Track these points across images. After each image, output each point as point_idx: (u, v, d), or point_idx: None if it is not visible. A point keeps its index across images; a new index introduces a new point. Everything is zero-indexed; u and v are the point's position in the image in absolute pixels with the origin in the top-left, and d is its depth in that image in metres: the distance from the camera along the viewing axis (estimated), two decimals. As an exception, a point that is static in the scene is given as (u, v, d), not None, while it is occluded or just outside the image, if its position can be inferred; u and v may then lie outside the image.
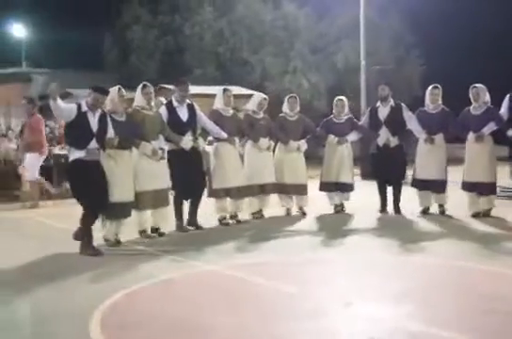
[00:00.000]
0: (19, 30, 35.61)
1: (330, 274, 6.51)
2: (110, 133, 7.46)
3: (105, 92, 7.39)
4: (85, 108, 7.21)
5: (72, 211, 8.25)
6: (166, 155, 8.35)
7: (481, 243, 7.78)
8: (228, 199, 9.37)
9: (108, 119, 7.48)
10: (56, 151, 13.66)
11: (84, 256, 7.31)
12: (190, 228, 8.89)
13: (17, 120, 22.60)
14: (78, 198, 7.39)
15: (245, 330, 4.82)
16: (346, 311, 5.23)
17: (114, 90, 7.75)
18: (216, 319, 5.03)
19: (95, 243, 7.56)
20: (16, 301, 5.69)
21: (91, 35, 28.99)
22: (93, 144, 7.23)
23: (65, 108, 7.12)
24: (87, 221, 7.33)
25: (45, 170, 12.84)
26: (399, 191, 9.98)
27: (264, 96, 10.00)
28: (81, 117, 7.17)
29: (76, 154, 7.21)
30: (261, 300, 5.56)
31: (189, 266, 6.85)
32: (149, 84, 8.35)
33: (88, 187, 7.19)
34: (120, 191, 7.69)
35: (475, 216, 9.49)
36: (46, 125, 15.74)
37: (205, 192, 9.17)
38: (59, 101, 6.96)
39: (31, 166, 11.78)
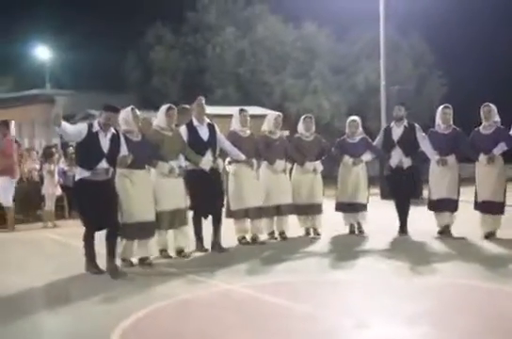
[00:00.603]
0: (43, 52, 36.10)
1: (344, 295, 6.49)
2: (124, 151, 7.39)
3: (116, 110, 7.34)
4: (96, 128, 7.17)
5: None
6: (183, 173, 8.33)
7: (495, 263, 7.72)
8: (248, 220, 9.35)
9: (122, 138, 7.44)
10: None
11: (102, 276, 7.32)
12: (211, 249, 8.84)
13: (40, 140, 22.90)
14: (79, 215, 7.55)
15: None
16: (360, 332, 5.20)
17: (127, 111, 7.75)
18: (231, 338, 5.07)
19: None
20: (34, 321, 5.71)
21: (114, 56, 29.35)
22: (102, 164, 7.18)
23: (72, 131, 7.09)
24: (85, 240, 7.41)
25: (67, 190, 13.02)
26: (406, 213, 9.93)
27: (278, 113, 10.00)
28: (91, 137, 7.14)
29: (82, 174, 7.19)
30: (275, 320, 5.56)
31: (207, 286, 6.87)
32: (174, 106, 8.36)
33: (89, 206, 7.20)
34: (139, 211, 7.68)
35: (488, 236, 9.40)
36: (70, 146, 15.96)
37: (224, 213, 9.16)
38: (63, 126, 6.91)
39: (4, 190, 11.77)
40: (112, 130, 7.32)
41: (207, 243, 8.88)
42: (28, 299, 6.54)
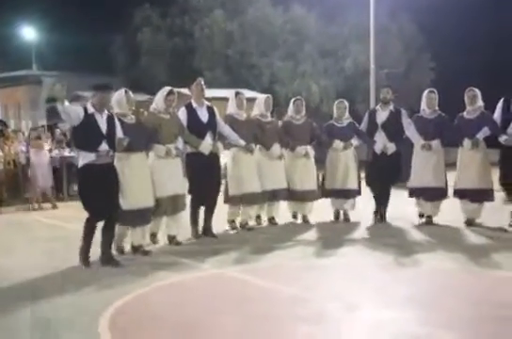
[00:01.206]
0: (29, 33, 35.79)
1: (333, 279, 6.49)
2: (119, 133, 7.21)
3: (109, 88, 7.16)
4: (91, 110, 6.97)
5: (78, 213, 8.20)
6: (180, 153, 8.20)
7: (479, 250, 7.75)
8: (242, 205, 9.27)
9: (116, 120, 7.26)
10: (66, 153, 13.75)
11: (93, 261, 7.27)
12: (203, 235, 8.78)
13: (27, 121, 22.74)
14: (84, 203, 7.11)
15: (248, 333, 4.87)
16: (350, 315, 5.23)
17: (120, 93, 7.59)
18: (219, 321, 5.09)
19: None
20: (22, 307, 5.70)
21: (101, 37, 29.10)
22: (104, 146, 6.96)
23: (73, 111, 6.88)
24: (87, 229, 7.10)
25: (55, 173, 12.97)
26: (387, 200, 9.81)
27: (268, 95, 9.85)
28: (89, 118, 6.92)
29: (86, 159, 6.90)
30: (264, 303, 5.58)
31: (197, 270, 6.87)
32: (175, 90, 8.15)
33: (96, 194, 6.93)
34: (137, 197, 7.50)
35: (469, 223, 9.35)
36: (57, 128, 15.80)
37: (221, 198, 9.07)
38: (67, 103, 6.77)
39: None
40: (106, 111, 7.15)
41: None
42: (17, 284, 6.49)
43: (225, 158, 9.57)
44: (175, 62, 26.57)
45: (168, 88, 8.11)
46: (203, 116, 8.50)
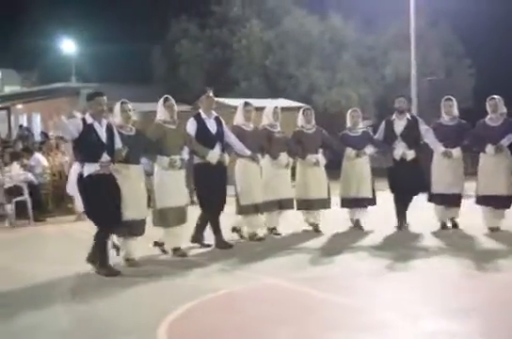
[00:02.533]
0: (69, 46, 36.22)
1: (390, 288, 6.43)
2: (118, 143, 7.23)
3: (100, 95, 7.14)
4: (90, 120, 7.00)
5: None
6: (184, 165, 8.15)
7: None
8: (258, 214, 9.20)
9: (115, 130, 7.28)
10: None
11: (142, 269, 7.35)
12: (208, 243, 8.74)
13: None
14: (91, 214, 7.16)
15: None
16: (410, 325, 5.14)
17: (117, 106, 7.65)
18: (278, 331, 5.08)
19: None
20: (81, 314, 5.74)
21: (140, 49, 29.30)
22: (105, 156, 7.00)
23: (70, 124, 6.93)
24: (100, 239, 7.11)
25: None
26: (407, 206, 9.79)
27: (276, 105, 9.85)
28: (88, 129, 6.95)
29: (90, 169, 6.93)
30: (321, 313, 5.55)
31: (249, 280, 6.88)
32: (170, 97, 8.19)
33: (102, 203, 6.99)
34: (131, 208, 7.45)
35: (493, 230, 9.28)
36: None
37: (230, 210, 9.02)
38: (63, 121, 6.86)
39: None
40: (104, 121, 7.15)
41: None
42: (68, 293, 6.53)
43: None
44: (213, 72, 26.63)
45: (164, 96, 8.17)
46: (212, 127, 8.54)
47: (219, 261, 7.82)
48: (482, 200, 9.35)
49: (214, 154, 8.39)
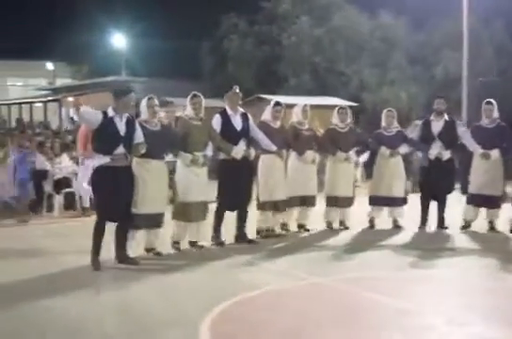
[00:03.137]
0: (119, 40, 36.58)
1: (434, 290, 6.32)
2: (139, 138, 7.20)
3: (128, 92, 7.15)
4: (111, 113, 7.01)
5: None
6: (207, 162, 8.12)
7: None
8: (272, 212, 9.08)
9: (137, 124, 7.25)
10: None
11: (186, 263, 7.34)
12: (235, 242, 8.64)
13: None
14: (95, 205, 7.28)
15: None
16: (458, 330, 5.04)
17: (144, 101, 7.64)
18: (323, 331, 5.02)
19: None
20: (125, 306, 5.77)
21: (189, 44, 29.45)
22: (120, 149, 6.98)
23: (91, 115, 6.98)
24: (96, 230, 7.08)
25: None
26: (444, 206, 9.75)
27: (306, 103, 9.84)
28: (108, 121, 6.95)
29: (101, 160, 6.94)
30: (368, 314, 5.47)
31: (294, 278, 6.78)
32: (199, 94, 8.14)
33: (107, 195, 6.94)
34: (151, 202, 7.48)
35: None
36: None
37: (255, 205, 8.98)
38: (83, 109, 6.86)
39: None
40: (127, 114, 7.15)
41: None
42: (115, 282, 6.56)
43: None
44: (261, 69, 26.65)
45: (192, 93, 8.13)
46: (237, 123, 8.46)
47: (258, 257, 7.77)
48: None
49: (238, 150, 8.33)
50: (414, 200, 9.94)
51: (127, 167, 7.13)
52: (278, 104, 9.10)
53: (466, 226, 9.63)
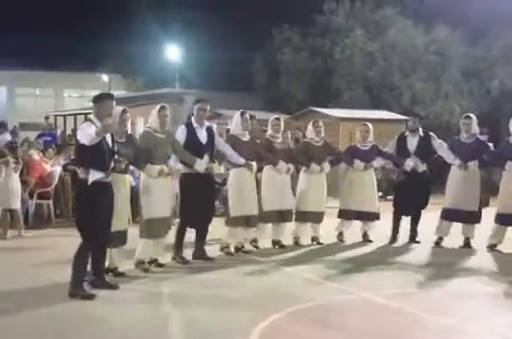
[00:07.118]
0: (173, 52, 37.00)
1: (491, 309, 6.21)
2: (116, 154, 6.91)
3: (109, 98, 6.83)
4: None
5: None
6: (171, 171, 7.86)
7: None
8: (242, 228, 8.87)
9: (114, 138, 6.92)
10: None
11: (231, 275, 7.41)
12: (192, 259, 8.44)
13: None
14: (85, 224, 6.54)
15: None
16: None
17: (118, 111, 7.22)
18: None
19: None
20: (169, 318, 5.80)
21: (241, 57, 29.61)
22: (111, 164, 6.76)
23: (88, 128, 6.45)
24: (82, 253, 6.53)
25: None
26: (418, 221, 9.88)
27: (276, 116, 9.91)
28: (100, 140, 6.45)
29: (96, 175, 6.48)
30: (419, 333, 5.40)
31: (342, 293, 6.78)
32: (167, 106, 7.96)
33: (98, 215, 6.51)
34: (118, 220, 7.05)
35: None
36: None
37: (217, 221, 8.84)
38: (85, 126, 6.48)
39: None
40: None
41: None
42: (154, 297, 6.62)
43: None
44: (314, 82, 26.62)
45: (160, 104, 8.02)
46: (203, 137, 8.36)
47: (301, 270, 7.83)
48: (504, 218, 9.14)
49: (201, 163, 8.15)
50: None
51: (110, 183, 6.78)
52: (244, 112, 8.97)
53: (438, 242, 9.61)
